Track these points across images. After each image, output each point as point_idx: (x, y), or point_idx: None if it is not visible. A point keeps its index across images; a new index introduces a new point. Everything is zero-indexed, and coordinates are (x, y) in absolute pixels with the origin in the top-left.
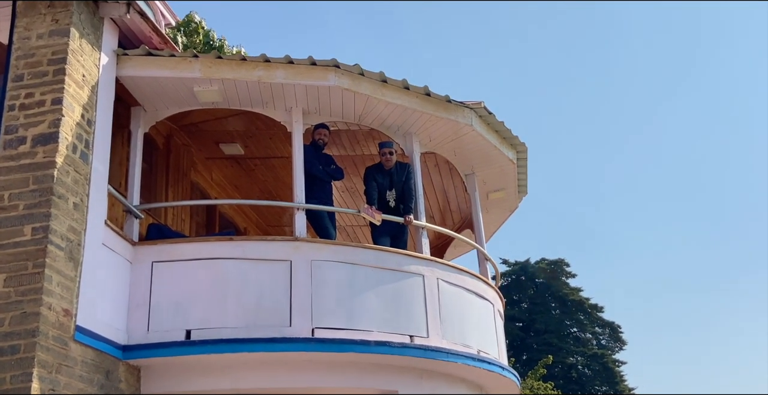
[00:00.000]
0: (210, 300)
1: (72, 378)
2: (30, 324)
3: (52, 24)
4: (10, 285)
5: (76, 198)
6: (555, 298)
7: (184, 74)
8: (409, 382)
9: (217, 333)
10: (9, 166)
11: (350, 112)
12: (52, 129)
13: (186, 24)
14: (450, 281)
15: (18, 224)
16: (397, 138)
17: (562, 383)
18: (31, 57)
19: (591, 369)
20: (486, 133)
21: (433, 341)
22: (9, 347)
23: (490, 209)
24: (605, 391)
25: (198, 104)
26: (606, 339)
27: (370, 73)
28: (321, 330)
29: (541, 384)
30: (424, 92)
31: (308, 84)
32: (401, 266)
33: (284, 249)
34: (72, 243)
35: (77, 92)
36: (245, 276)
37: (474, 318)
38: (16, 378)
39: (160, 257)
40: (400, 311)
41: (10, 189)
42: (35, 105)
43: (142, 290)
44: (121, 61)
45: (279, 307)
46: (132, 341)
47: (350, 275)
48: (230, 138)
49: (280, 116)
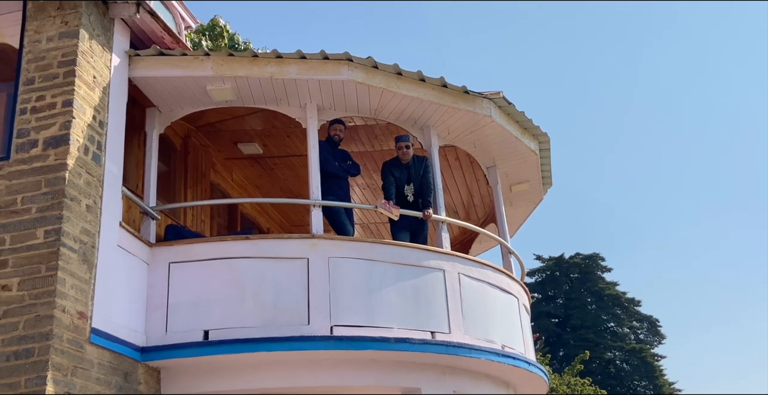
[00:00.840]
0: (227, 300)
1: (88, 381)
2: (44, 327)
3: (62, 26)
4: (23, 289)
5: (89, 200)
6: (591, 293)
7: (196, 73)
8: (431, 379)
9: (235, 332)
10: (22, 169)
11: (365, 106)
12: (63, 131)
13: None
14: (472, 275)
15: (31, 227)
16: (415, 131)
17: (600, 378)
18: (41, 60)
19: (629, 364)
20: (506, 124)
21: (455, 337)
22: (23, 350)
23: (514, 202)
24: (644, 386)
25: (212, 103)
26: (644, 333)
27: (384, 66)
28: (340, 328)
29: (578, 380)
30: (440, 84)
31: (321, 79)
32: (421, 262)
33: (301, 247)
34: (86, 245)
35: (88, 94)
36: (262, 275)
37: (498, 313)
38: (31, 382)
39: (176, 258)
40: (421, 307)
41: (23, 193)
42: (46, 108)
43: (160, 291)
44: (133, 62)
45: (297, 305)
46: (150, 342)
47: (368, 271)
48: (248, 137)
49: (294, 113)
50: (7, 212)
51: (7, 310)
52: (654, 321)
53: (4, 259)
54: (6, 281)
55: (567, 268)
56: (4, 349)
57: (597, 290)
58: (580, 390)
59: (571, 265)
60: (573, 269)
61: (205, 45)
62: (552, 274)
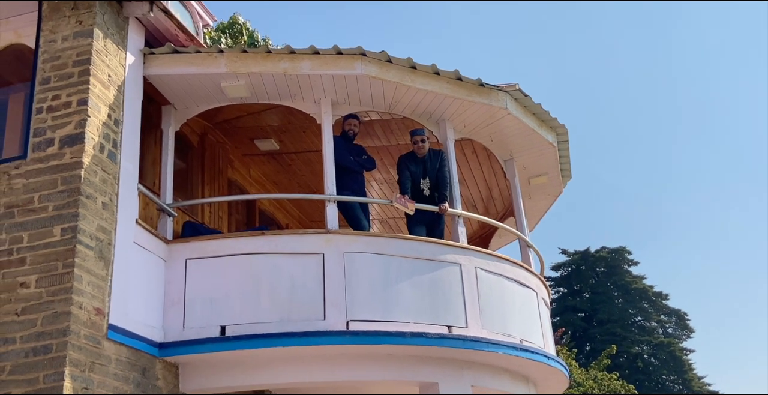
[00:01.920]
0: (243, 296)
1: (106, 377)
2: (61, 324)
3: (76, 26)
4: (41, 286)
5: (105, 198)
6: (617, 287)
7: (210, 70)
8: (449, 373)
9: (251, 328)
10: (38, 168)
11: (380, 100)
12: (78, 130)
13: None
14: (489, 269)
15: (48, 225)
16: (430, 125)
17: (628, 373)
18: (56, 59)
19: (657, 359)
20: (523, 116)
21: (472, 331)
22: (42, 346)
23: (533, 195)
24: (673, 380)
25: (227, 100)
26: (672, 327)
27: (397, 60)
28: (356, 323)
29: (605, 375)
30: (455, 77)
31: (335, 74)
32: (437, 256)
33: (316, 242)
34: (102, 243)
35: (103, 92)
36: (278, 271)
37: (516, 307)
38: (49, 378)
39: (193, 255)
40: (437, 301)
41: (40, 191)
42: (62, 107)
43: (177, 287)
44: (147, 60)
45: (312, 300)
46: (168, 338)
47: (384, 266)
48: (264, 134)
49: (309, 108)
50: (24, 210)
51: (26, 307)
52: (682, 315)
53: (22, 257)
54: (24, 278)
55: (593, 262)
56: (23, 346)
57: (623, 284)
58: (607, 384)
59: (597, 259)
60: (599, 263)
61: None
62: (578, 268)
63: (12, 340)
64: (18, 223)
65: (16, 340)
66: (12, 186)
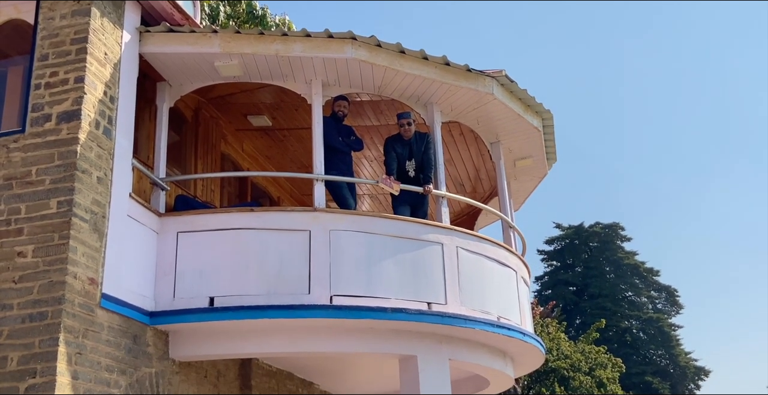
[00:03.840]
0: (232, 269)
1: (98, 343)
2: (56, 292)
3: (74, 4)
4: (38, 256)
5: (100, 172)
6: (609, 262)
7: (204, 50)
8: (427, 347)
9: (239, 300)
10: (36, 142)
11: (369, 83)
12: (75, 107)
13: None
14: (470, 249)
15: (45, 197)
16: (418, 108)
17: (616, 346)
18: (55, 37)
19: (646, 333)
20: (509, 101)
21: (451, 308)
22: (38, 313)
23: (518, 176)
24: (660, 355)
25: (220, 79)
26: (662, 303)
27: (387, 45)
28: (339, 298)
29: (593, 348)
30: (442, 62)
31: (326, 57)
32: (419, 235)
33: (303, 219)
34: (96, 215)
35: (99, 70)
36: (266, 246)
37: (495, 285)
38: (45, 343)
39: (184, 228)
40: (419, 279)
41: (37, 165)
42: (59, 83)
43: (168, 259)
44: (143, 38)
45: (298, 275)
46: (159, 307)
47: (368, 244)
48: (257, 110)
49: (300, 89)
50: (22, 183)
51: (23, 276)
52: (672, 291)
53: (19, 227)
54: (21, 248)
55: (586, 237)
56: (20, 312)
57: (616, 259)
58: (594, 358)
59: (591, 234)
60: (592, 238)
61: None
62: (571, 242)
63: (9, 306)
64: (16, 195)
65: (13, 307)
66: (11, 159)
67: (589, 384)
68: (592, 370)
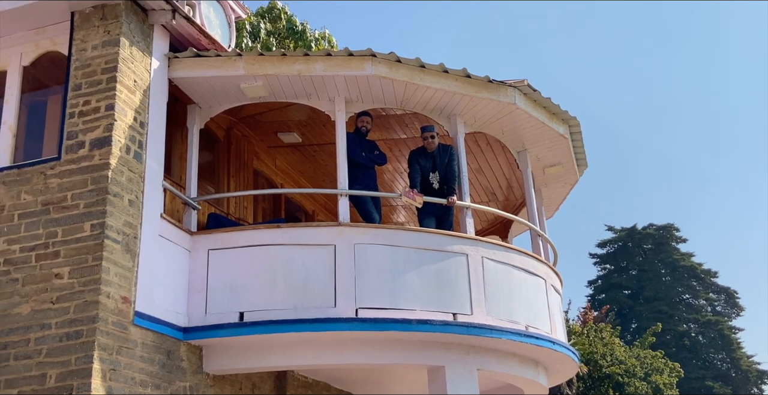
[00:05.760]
0: (261, 284)
1: (133, 359)
2: (91, 312)
3: (105, 35)
4: (73, 277)
5: (131, 195)
6: (665, 264)
7: (230, 73)
8: (455, 358)
9: (267, 314)
10: (71, 169)
11: (391, 98)
12: (106, 133)
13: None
14: (496, 259)
15: (79, 221)
16: (441, 120)
17: (674, 351)
18: (87, 67)
19: (705, 337)
20: (532, 110)
21: (477, 318)
22: (74, 332)
23: (549, 183)
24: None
25: (247, 99)
26: (721, 305)
27: (406, 60)
28: (364, 310)
29: (648, 352)
30: (463, 74)
31: (347, 74)
32: (443, 247)
33: (328, 234)
34: (128, 236)
35: (129, 97)
36: (293, 261)
37: (522, 294)
38: (80, 360)
39: (215, 245)
40: (444, 290)
41: (72, 190)
42: (92, 112)
43: (200, 276)
44: (172, 64)
45: (324, 289)
46: (192, 323)
47: (392, 256)
48: (287, 127)
49: (324, 106)
50: (59, 207)
51: (60, 296)
52: (732, 293)
53: (56, 250)
54: (58, 269)
55: (640, 239)
56: (58, 331)
57: (671, 261)
58: (650, 362)
59: (644, 236)
60: (646, 240)
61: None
62: (624, 245)
63: (48, 326)
64: (53, 219)
65: (52, 326)
66: (48, 185)
67: (645, 390)
68: (648, 375)
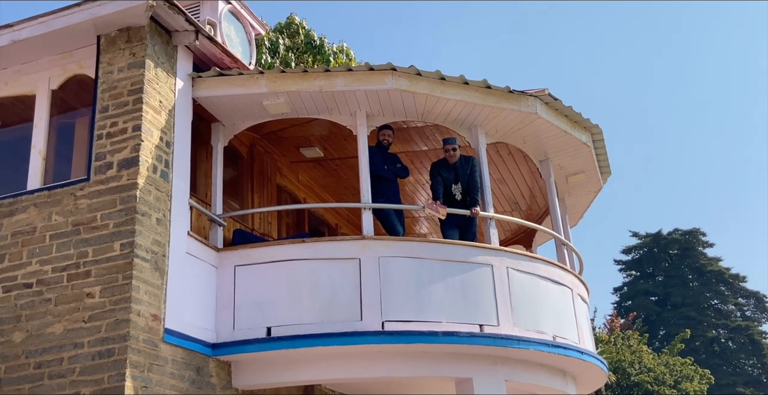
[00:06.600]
0: (287, 299)
1: (163, 376)
2: (122, 330)
3: (130, 57)
4: (104, 296)
5: (159, 214)
6: (692, 269)
7: (252, 90)
8: (483, 369)
9: (294, 329)
10: (100, 189)
11: (412, 111)
12: (133, 154)
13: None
14: (521, 269)
15: (109, 241)
16: (463, 131)
17: (704, 357)
18: (113, 89)
19: (735, 342)
20: (554, 119)
21: (503, 329)
22: (105, 350)
23: (572, 192)
24: (752, 364)
25: (269, 116)
26: (751, 310)
27: (426, 73)
28: (391, 323)
29: (678, 359)
30: (483, 85)
31: (368, 89)
32: (468, 258)
33: (353, 248)
34: (157, 255)
35: (155, 117)
36: (318, 275)
37: (549, 304)
38: (113, 378)
39: (241, 262)
40: (469, 301)
41: (102, 210)
42: (119, 133)
43: (227, 292)
44: (196, 84)
45: (350, 303)
46: (220, 339)
47: (417, 269)
48: (309, 143)
49: (345, 121)
50: (89, 228)
51: (92, 315)
52: (761, 298)
53: (87, 270)
54: (90, 289)
55: (665, 244)
56: (90, 350)
57: (698, 266)
58: (680, 370)
59: (670, 241)
60: (672, 246)
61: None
62: (650, 251)
63: (81, 345)
64: (84, 239)
65: (84, 345)
66: (78, 206)
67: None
68: (678, 383)
